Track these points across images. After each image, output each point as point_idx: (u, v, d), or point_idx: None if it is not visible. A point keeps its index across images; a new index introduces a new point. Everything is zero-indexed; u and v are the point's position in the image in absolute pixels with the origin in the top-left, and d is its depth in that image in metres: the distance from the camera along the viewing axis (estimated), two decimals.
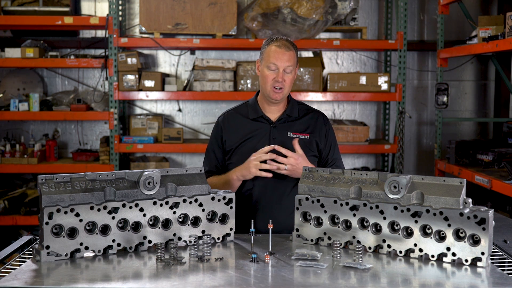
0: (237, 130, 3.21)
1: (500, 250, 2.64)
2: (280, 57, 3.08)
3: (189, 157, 6.53)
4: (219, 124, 3.27)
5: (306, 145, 3.17)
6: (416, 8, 6.57)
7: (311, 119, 3.25)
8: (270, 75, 3.09)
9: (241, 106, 3.30)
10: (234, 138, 3.20)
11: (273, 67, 3.08)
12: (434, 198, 2.47)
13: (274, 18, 5.69)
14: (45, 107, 5.92)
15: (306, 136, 3.19)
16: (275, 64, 3.08)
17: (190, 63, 6.42)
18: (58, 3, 5.97)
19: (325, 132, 3.24)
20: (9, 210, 5.88)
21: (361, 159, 6.60)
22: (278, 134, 3.17)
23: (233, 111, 3.29)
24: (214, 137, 3.28)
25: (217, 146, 3.25)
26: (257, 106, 3.23)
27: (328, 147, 3.24)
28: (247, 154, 3.13)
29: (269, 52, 3.11)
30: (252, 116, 3.21)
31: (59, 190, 2.45)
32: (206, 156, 3.32)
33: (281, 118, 3.20)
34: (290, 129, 3.19)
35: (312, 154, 3.20)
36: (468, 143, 5.67)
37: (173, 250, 2.44)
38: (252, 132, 3.19)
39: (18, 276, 2.25)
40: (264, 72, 3.11)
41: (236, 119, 3.25)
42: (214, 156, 3.26)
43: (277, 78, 3.08)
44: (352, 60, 6.57)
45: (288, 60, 3.09)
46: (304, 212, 2.71)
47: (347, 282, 2.22)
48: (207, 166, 3.26)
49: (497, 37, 4.74)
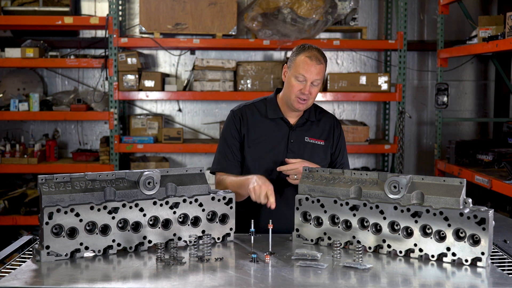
0: (255, 127, 3.13)
1: (500, 250, 2.64)
2: (310, 69, 2.99)
3: (189, 157, 6.53)
4: (237, 116, 3.14)
5: (321, 152, 3.16)
6: (416, 8, 6.57)
7: (325, 123, 3.22)
8: (296, 86, 3.01)
9: (259, 103, 3.20)
10: (252, 134, 3.12)
11: (301, 78, 3.00)
12: (434, 198, 2.47)
13: (274, 18, 5.69)
14: (45, 107, 5.92)
15: (321, 142, 3.17)
16: (303, 76, 2.99)
17: (190, 63, 6.42)
18: (58, 3, 5.97)
19: (337, 136, 3.23)
20: (9, 210, 5.88)
21: (361, 159, 6.60)
22: (296, 138, 3.14)
23: (251, 106, 3.19)
24: (230, 130, 3.14)
25: (235, 140, 3.12)
26: (276, 106, 3.16)
27: (338, 151, 3.23)
28: (263, 154, 3.10)
29: (299, 62, 3.01)
30: (271, 115, 3.15)
31: (59, 190, 2.45)
32: (219, 154, 3.16)
33: (300, 122, 3.16)
34: (307, 133, 3.16)
35: (326, 162, 3.17)
36: (468, 143, 5.67)
37: (173, 250, 2.44)
38: (271, 132, 3.13)
39: (18, 276, 2.25)
40: (291, 82, 3.03)
41: (254, 114, 3.16)
42: (230, 152, 3.13)
43: (303, 90, 3.00)
44: (352, 60, 6.57)
45: (317, 73, 3.00)
46: (304, 212, 2.71)
47: (347, 282, 2.22)
48: (222, 162, 3.13)
49: (497, 37, 4.74)
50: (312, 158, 3.11)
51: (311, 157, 3.11)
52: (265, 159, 3.09)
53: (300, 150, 3.12)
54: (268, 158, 3.09)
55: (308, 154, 3.12)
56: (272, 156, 3.09)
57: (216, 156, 3.20)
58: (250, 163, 3.12)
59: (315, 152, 3.15)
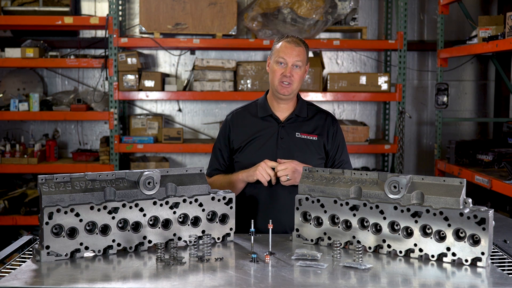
0: (245, 129, 3.20)
1: (500, 250, 2.64)
2: (289, 52, 3.09)
3: (189, 157, 6.53)
4: (227, 123, 3.26)
5: (314, 147, 3.16)
6: (416, 8, 6.57)
7: (319, 120, 3.23)
8: (278, 70, 3.10)
9: (251, 105, 3.29)
10: (242, 137, 3.19)
11: (281, 61, 3.09)
12: (434, 198, 2.47)
13: (274, 18, 5.69)
14: (45, 107, 5.92)
15: (314, 137, 3.18)
16: (283, 58, 3.09)
17: (190, 63, 6.42)
18: (58, 3, 5.97)
19: (333, 133, 3.23)
20: (9, 210, 5.88)
21: (361, 159, 6.60)
22: (286, 134, 3.16)
23: (242, 110, 3.28)
24: (221, 135, 3.27)
25: (224, 145, 3.25)
26: (266, 105, 3.22)
27: (335, 147, 3.22)
28: (254, 153, 3.13)
29: (279, 48, 3.12)
30: (261, 114, 3.21)
31: (59, 190, 2.45)
32: (213, 154, 3.31)
33: (289, 118, 3.19)
34: (298, 129, 3.18)
35: (319, 157, 3.18)
36: (468, 143, 5.67)
37: (173, 250, 2.44)
38: (260, 131, 3.18)
39: (18, 276, 2.25)
40: (273, 67, 3.12)
41: (245, 117, 3.24)
42: (220, 154, 3.26)
43: (285, 73, 3.08)
44: (352, 60, 6.57)
45: (297, 55, 3.10)
46: (304, 212, 2.71)
47: (347, 282, 2.22)
48: (214, 164, 3.26)
49: (497, 37, 4.74)
50: (304, 153, 3.13)
51: (303, 153, 3.13)
52: (257, 157, 3.11)
53: (291, 146, 3.13)
54: (259, 155, 3.12)
55: (299, 150, 3.13)
56: (263, 153, 3.12)
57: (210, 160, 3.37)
58: (244, 162, 3.15)
59: (307, 148, 3.15)
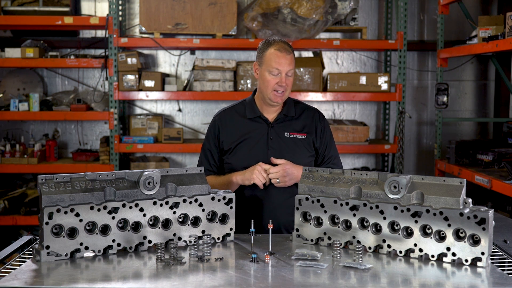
0: (234, 130, 3.19)
1: (500, 250, 2.64)
2: (282, 61, 3.06)
3: (189, 157, 6.53)
4: (216, 124, 3.24)
5: (304, 145, 3.17)
6: (416, 8, 6.57)
7: (307, 117, 3.24)
8: (272, 80, 3.08)
9: (238, 105, 3.27)
10: (231, 138, 3.19)
11: (275, 72, 3.07)
12: (434, 198, 2.47)
13: (274, 18, 5.69)
14: (45, 107, 5.92)
15: (303, 136, 3.19)
16: (277, 69, 3.06)
17: (190, 63, 6.42)
18: (58, 3, 5.97)
19: (321, 130, 3.23)
20: (9, 210, 5.88)
21: (361, 159, 6.60)
22: (276, 135, 3.17)
23: (230, 110, 3.27)
24: (210, 136, 3.25)
25: (213, 146, 3.24)
26: (254, 106, 3.21)
27: (324, 144, 3.23)
28: (245, 154, 3.13)
29: (270, 56, 3.08)
30: (249, 115, 3.20)
31: (59, 190, 2.45)
32: (202, 155, 3.28)
33: (278, 118, 3.19)
34: (287, 129, 3.18)
35: (310, 155, 3.20)
36: (468, 143, 5.67)
37: (173, 250, 2.44)
38: (250, 132, 3.18)
39: (18, 276, 2.25)
40: (266, 77, 3.09)
41: (233, 118, 3.23)
42: (210, 155, 3.25)
43: (280, 83, 3.07)
44: (352, 60, 6.57)
45: (289, 64, 3.08)
46: (304, 212, 2.71)
47: (347, 282, 2.22)
48: (203, 165, 3.23)
49: (497, 37, 4.74)
50: (294, 152, 3.14)
51: (293, 152, 3.14)
52: (247, 159, 3.12)
53: (281, 146, 3.14)
54: (250, 157, 3.12)
55: (289, 149, 3.14)
56: (254, 155, 3.12)
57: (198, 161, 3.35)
58: (235, 164, 3.15)
59: (297, 147, 3.16)
